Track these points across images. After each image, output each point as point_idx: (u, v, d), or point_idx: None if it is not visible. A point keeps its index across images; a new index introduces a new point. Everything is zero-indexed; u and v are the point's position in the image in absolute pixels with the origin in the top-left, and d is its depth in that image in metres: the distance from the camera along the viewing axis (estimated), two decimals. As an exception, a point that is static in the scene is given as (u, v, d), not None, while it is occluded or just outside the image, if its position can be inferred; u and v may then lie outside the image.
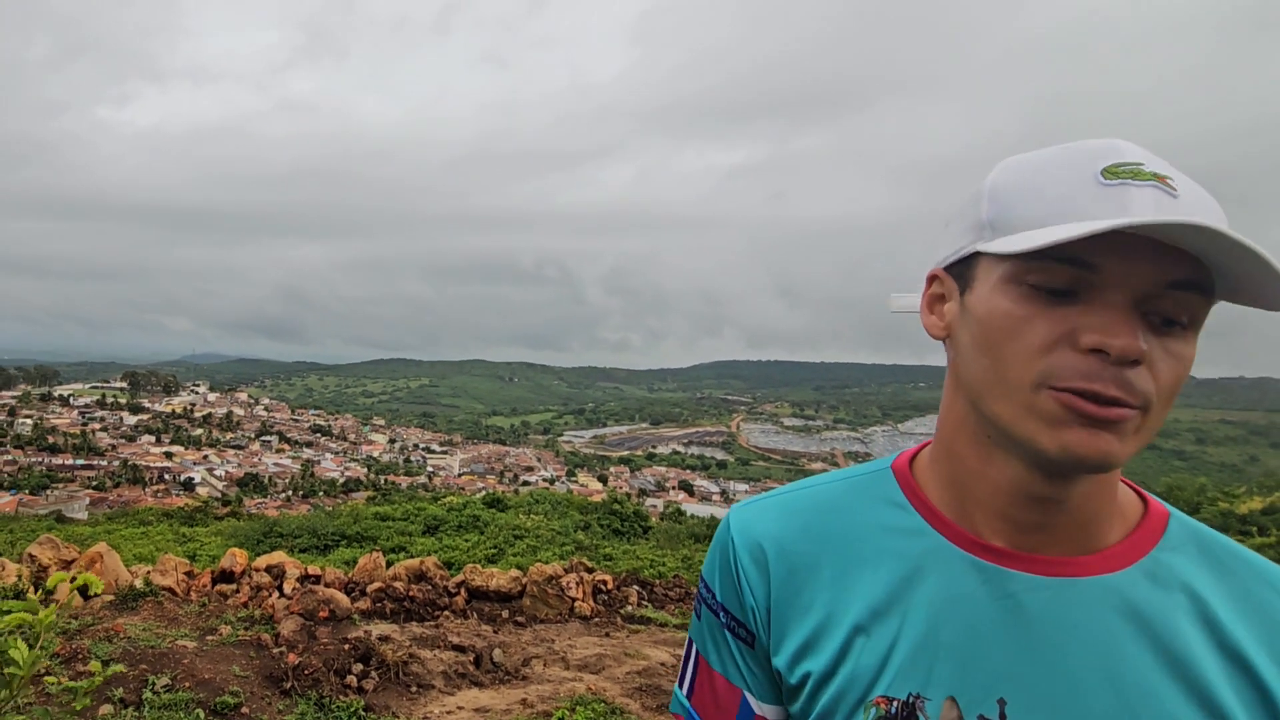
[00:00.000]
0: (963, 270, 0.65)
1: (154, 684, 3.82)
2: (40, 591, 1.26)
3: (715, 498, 70.75)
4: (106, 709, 3.58)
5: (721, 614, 0.77)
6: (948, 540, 0.68)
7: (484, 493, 22.26)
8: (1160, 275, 0.57)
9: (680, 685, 0.83)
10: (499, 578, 7.19)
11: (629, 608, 6.85)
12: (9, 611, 1.24)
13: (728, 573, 0.76)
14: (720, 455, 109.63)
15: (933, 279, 0.69)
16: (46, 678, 1.32)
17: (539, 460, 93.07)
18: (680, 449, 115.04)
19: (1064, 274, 0.58)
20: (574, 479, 76.98)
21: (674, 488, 75.04)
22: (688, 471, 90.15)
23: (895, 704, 0.66)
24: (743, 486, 76.70)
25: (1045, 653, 0.62)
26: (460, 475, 77.39)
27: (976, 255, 0.64)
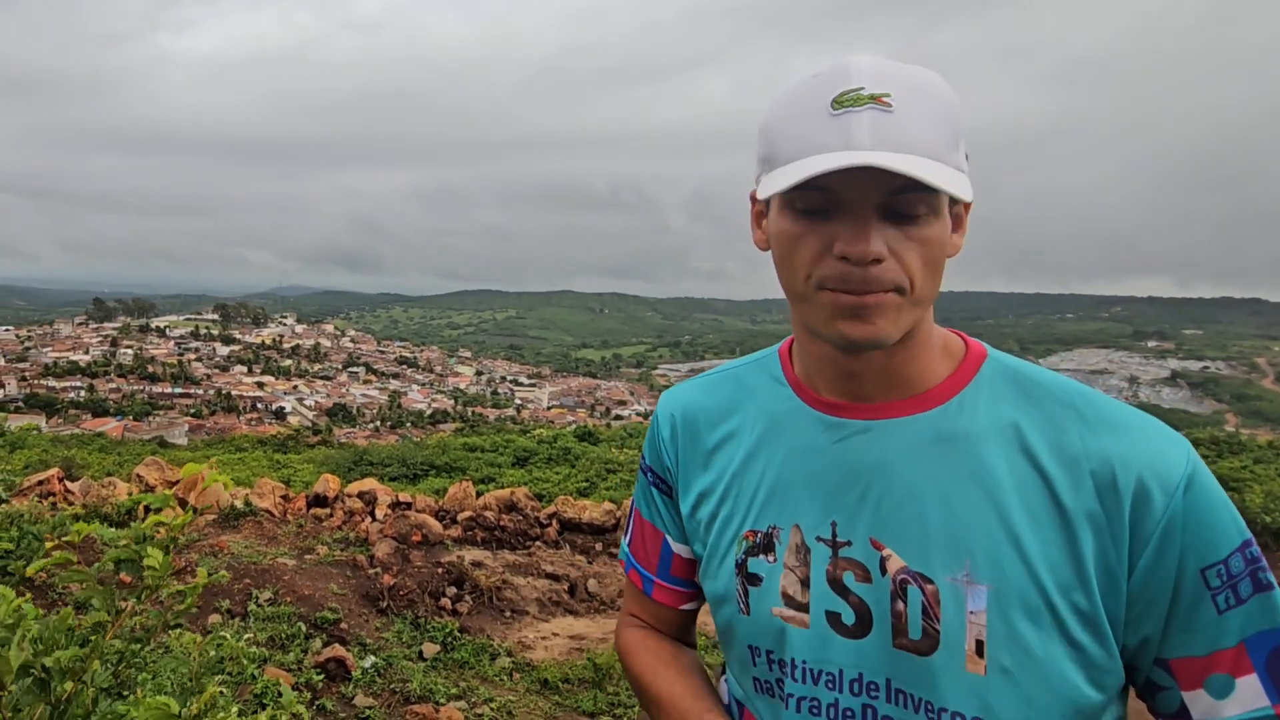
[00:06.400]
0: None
1: (258, 597, 4.20)
2: (172, 490, 1.37)
3: (823, 438, 70.11)
4: (215, 618, 3.96)
5: (649, 474, 1.05)
6: (802, 401, 0.91)
7: (574, 426, 22.90)
8: (882, 186, 0.74)
9: (624, 537, 1.13)
10: (591, 510, 7.42)
11: (729, 545, 6.96)
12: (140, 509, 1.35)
13: (652, 439, 1.04)
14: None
15: (753, 199, 0.87)
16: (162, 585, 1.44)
17: (632, 394, 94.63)
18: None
19: (815, 198, 0.77)
20: (669, 415, 77.89)
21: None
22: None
23: (759, 535, 0.90)
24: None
25: (866, 480, 0.84)
26: (549, 408, 79.84)
27: None
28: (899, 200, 0.75)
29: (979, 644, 0.78)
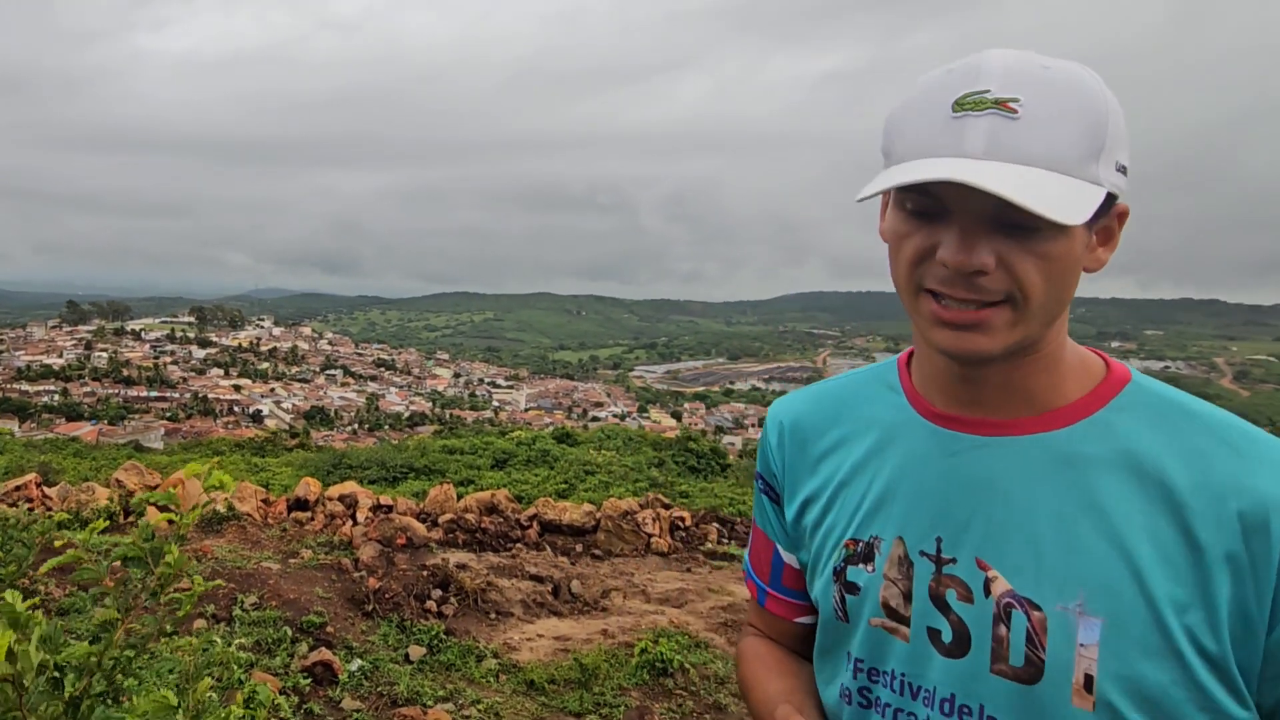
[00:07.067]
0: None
1: (243, 602, 4.16)
2: (175, 490, 1.38)
3: (797, 437, 70.20)
4: (200, 623, 3.92)
5: (760, 481, 1.03)
6: (916, 412, 0.87)
7: (552, 428, 22.86)
8: (992, 195, 0.67)
9: (746, 550, 1.11)
10: (572, 511, 7.42)
11: (708, 545, 7.00)
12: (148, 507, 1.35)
13: (762, 447, 1.02)
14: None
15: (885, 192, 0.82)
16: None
17: (609, 395, 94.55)
18: (760, 385, 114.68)
19: (924, 200, 0.73)
20: (646, 415, 78.05)
21: (753, 425, 75.19)
22: (768, 408, 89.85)
23: (860, 544, 0.87)
24: (828, 426, 75.88)
25: (977, 498, 0.80)
26: (527, 410, 79.53)
27: None
28: (1014, 210, 0.67)
29: (1088, 678, 0.73)
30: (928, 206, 0.73)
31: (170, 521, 1.17)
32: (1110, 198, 0.72)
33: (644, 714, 3.62)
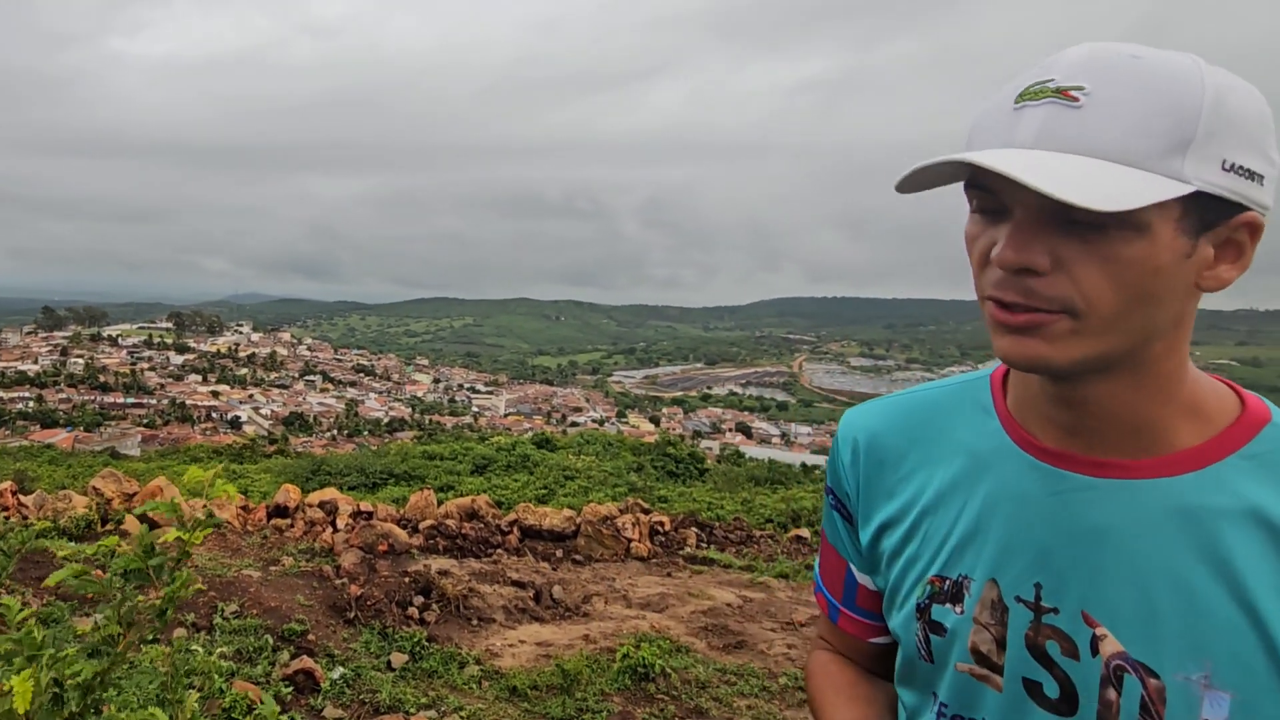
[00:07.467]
0: None
1: (223, 610, 4.12)
2: (178, 503, 1.38)
3: (775, 440, 70.76)
4: (180, 632, 3.87)
5: (830, 495, 0.94)
6: (1012, 441, 0.77)
7: (532, 433, 22.81)
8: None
9: (817, 559, 1.03)
10: (552, 517, 7.41)
11: (688, 549, 7.01)
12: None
13: (833, 462, 0.93)
14: (781, 396, 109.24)
15: None
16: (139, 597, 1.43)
17: (588, 401, 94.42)
18: (738, 390, 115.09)
19: (985, 198, 0.67)
20: (624, 420, 78.00)
21: (731, 430, 75.39)
22: (746, 413, 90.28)
23: (947, 583, 0.78)
24: (805, 429, 76.36)
25: (1084, 545, 0.70)
26: (506, 415, 79.15)
27: None
28: (1075, 206, 0.59)
29: None
30: (990, 204, 0.67)
31: (178, 538, 1.17)
32: (1228, 205, 0.62)
33: (626, 719, 3.62)
